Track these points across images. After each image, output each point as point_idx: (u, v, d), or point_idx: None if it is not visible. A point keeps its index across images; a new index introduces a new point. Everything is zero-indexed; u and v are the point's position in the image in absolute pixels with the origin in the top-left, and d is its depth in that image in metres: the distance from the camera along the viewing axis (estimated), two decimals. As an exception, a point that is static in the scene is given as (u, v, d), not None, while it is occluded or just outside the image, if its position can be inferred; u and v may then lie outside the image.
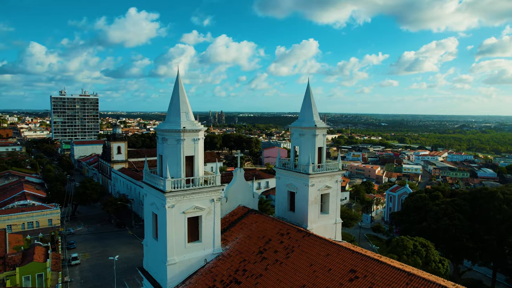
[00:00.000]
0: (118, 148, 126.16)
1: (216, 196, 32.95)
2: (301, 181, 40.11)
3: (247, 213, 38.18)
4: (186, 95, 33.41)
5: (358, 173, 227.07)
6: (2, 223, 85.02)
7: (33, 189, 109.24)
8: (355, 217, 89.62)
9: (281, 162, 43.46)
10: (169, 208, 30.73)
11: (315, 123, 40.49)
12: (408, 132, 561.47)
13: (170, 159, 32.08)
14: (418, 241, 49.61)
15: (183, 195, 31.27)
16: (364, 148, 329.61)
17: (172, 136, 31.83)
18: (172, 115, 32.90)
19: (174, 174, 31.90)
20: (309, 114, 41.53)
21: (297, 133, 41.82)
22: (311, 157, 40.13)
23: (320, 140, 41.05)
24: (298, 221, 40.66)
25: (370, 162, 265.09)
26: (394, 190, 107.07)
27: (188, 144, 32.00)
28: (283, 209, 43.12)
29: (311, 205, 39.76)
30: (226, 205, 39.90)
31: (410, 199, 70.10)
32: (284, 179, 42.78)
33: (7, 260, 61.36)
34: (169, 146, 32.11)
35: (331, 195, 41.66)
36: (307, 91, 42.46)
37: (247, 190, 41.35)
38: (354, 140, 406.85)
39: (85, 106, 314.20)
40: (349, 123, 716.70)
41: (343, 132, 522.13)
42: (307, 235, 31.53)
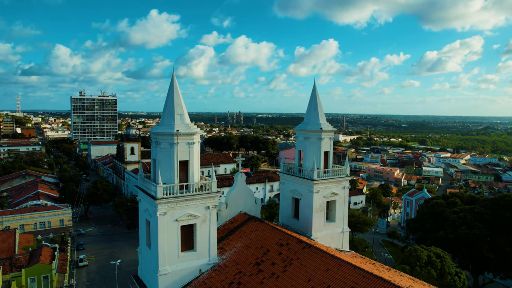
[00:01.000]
0: (131, 149, 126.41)
1: (212, 203, 31.22)
2: (306, 187, 38.00)
3: (247, 221, 36.31)
4: (181, 97, 31.83)
5: (376, 176, 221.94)
6: (15, 223, 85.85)
7: (48, 189, 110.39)
8: (369, 222, 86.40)
9: (285, 167, 41.46)
10: (161, 216, 29.18)
11: (321, 126, 38.33)
12: (429, 134, 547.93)
13: (163, 164, 30.54)
14: (433, 252, 46.60)
15: (176, 202, 29.66)
16: (383, 149, 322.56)
17: (165, 140, 30.28)
18: (166, 118, 31.37)
19: (167, 179, 30.35)
20: (314, 117, 39.39)
21: (302, 137, 39.72)
22: (316, 162, 37.97)
23: (326, 144, 38.84)
24: (302, 229, 38.59)
25: (389, 164, 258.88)
26: (411, 194, 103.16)
27: (182, 148, 30.38)
28: (287, 216, 41.13)
29: (316, 212, 37.61)
30: (226, 212, 38.16)
31: (426, 206, 66.68)
32: (288, 185, 40.77)
33: (14, 260, 61.37)
34: (162, 150, 30.58)
35: (338, 202, 39.36)
36: (313, 92, 40.32)
37: (248, 195, 39.48)
38: (373, 142, 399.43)
39: (104, 107, 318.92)
40: (369, 124, 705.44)
41: (362, 133, 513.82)
42: (307, 246, 29.41)
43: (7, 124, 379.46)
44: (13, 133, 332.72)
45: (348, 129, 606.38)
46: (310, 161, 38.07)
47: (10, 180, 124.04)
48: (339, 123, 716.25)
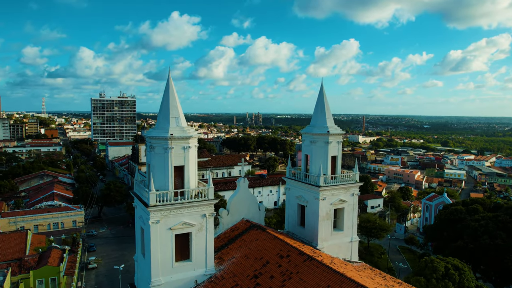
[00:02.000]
0: (145, 150, 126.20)
1: (208, 211, 29.57)
2: (312, 193, 35.91)
3: (248, 229, 34.50)
4: (177, 99, 30.31)
5: (396, 178, 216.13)
6: (29, 223, 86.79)
7: (63, 189, 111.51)
8: (386, 228, 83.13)
9: (291, 172, 39.45)
10: (153, 224, 27.73)
11: (328, 129, 36.15)
12: (452, 135, 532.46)
13: (158, 169, 29.09)
14: (451, 263, 43.60)
15: (170, 209, 28.16)
16: (403, 151, 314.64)
17: (159, 144, 28.83)
18: (161, 121, 29.93)
19: (161, 185, 28.89)
20: (321, 119, 37.23)
21: (308, 140, 37.65)
22: (323, 167, 35.83)
23: (333, 148, 36.63)
24: (308, 238, 36.53)
25: (409, 166, 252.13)
26: (430, 199, 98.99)
27: (177, 153, 28.84)
28: (293, 224, 39.12)
29: (323, 221, 35.48)
30: (227, 219, 36.48)
31: (445, 212, 63.11)
32: (294, 191, 38.76)
33: (23, 262, 61.48)
34: (156, 155, 29.15)
35: (346, 210, 37.08)
36: (320, 93, 38.17)
37: (252, 202, 37.67)
38: (393, 143, 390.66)
39: (123, 108, 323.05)
40: (389, 125, 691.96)
41: (382, 134, 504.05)
42: (308, 259, 27.36)
43: (31, 125, 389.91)
44: (37, 133, 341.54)
45: (368, 130, 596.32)
46: (316, 166, 35.97)
47: (29, 180, 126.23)
48: (359, 124, 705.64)
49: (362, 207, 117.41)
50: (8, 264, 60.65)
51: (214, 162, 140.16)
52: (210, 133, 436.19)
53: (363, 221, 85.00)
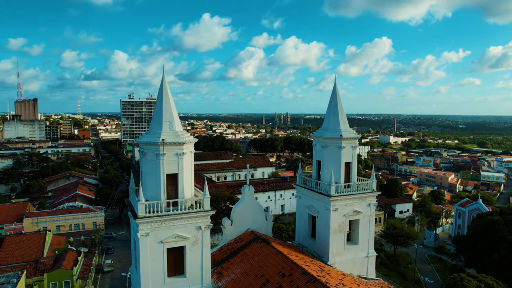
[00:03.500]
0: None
1: (204, 223, 27.14)
2: (322, 203, 32.79)
3: (252, 241, 31.79)
4: (171, 101, 28.06)
5: (428, 181, 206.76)
6: (51, 224, 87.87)
7: (87, 190, 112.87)
8: (413, 235, 78.02)
9: (301, 178, 36.43)
10: (143, 237, 25.61)
11: (341, 133, 32.89)
12: (490, 135, 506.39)
13: (149, 177, 26.95)
14: (484, 281, 39.06)
15: (161, 221, 25.95)
16: (436, 152, 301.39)
17: (150, 150, 26.68)
18: (154, 125, 27.79)
19: (153, 195, 26.72)
20: (334, 122, 33.99)
21: (319, 145, 34.50)
22: (335, 175, 32.63)
23: (347, 153, 33.33)
24: (318, 252, 33.42)
25: (442, 168, 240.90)
26: (463, 205, 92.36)
27: (169, 160, 26.57)
28: (304, 235, 36.10)
29: (334, 233, 32.29)
30: (231, 229, 33.91)
31: (479, 223, 57.66)
32: (305, 200, 35.72)
33: (39, 264, 61.58)
34: (148, 162, 27.01)
35: (362, 222, 33.68)
36: (333, 93, 34.92)
37: (258, 211, 34.93)
38: (426, 144, 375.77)
39: (151, 109, 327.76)
40: (422, 125, 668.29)
41: (414, 135, 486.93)
42: (312, 281, 24.32)
43: (66, 126, 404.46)
44: (70, 134, 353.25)
45: (400, 130, 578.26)
46: (328, 174, 32.81)
47: (56, 180, 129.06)
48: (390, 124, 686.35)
49: (389, 212, 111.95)
50: (24, 266, 60.92)
51: (236, 164, 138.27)
52: (238, 133, 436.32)
53: (388, 228, 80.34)
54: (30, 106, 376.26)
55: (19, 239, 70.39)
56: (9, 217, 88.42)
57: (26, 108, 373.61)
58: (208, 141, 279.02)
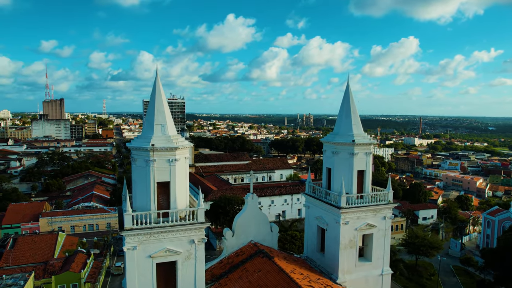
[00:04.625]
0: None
1: (197, 236, 24.78)
2: (332, 216, 29.89)
3: (254, 255, 29.21)
4: (165, 102, 25.85)
5: (455, 185, 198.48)
6: (66, 224, 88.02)
7: (103, 190, 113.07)
8: (437, 245, 73.44)
9: (310, 187, 33.58)
10: (129, 251, 23.50)
11: (354, 138, 29.87)
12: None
13: (139, 186, 24.85)
14: (514, 303, 35.09)
15: (150, 233, 23.77)
16: (464, 155, 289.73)
17: (140, 156, 24.56)
18: (145, 128, 25.69)
19: (142, 205, 24.61)
20: (346, 125, 31.00)
21: (329, 151, 31.58)
22: (347, 184, 29.65)
23: (360, 160, 30.26)
24: (327, 268, 30.54)
25: (470, 172, 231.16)
26: (493, 213, 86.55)
27: (160, 167, 24.35)
28: (312, 249, 33.26)
29: (345, 249, 29.31)
30: (232, 241, 31.42)
31: (510, 236, 53.02)
32: (313, 210, 32.88)
33: (48, 266, 61.03)
34: (138, 168, 24.91)
35: (376, 236, 30.54)
36: (346, 94, 31.94)
37: (262, 222, 32.28)
38: (453, 146, 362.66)
39: (172, 109, 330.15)
40: (449, 127, 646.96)
41: (440, 137, 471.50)
42: (313, 306, 21.54)
43: (90, 125, 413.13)
44: (94, 134, 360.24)
45: (425, 132, 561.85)
46: (338, 183, 29.87)
47: (75, 180, 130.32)
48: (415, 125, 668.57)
49: (412, 219, 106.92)
50: (34, 267, 60.52)
51: (254, 166, 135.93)
52: (259, 134, 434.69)
53: (410, 237, 76.06)
54: (57, 106, 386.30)
55: (31, 239, 70.36)
56: (26, 216, 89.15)
57: (53, 108, 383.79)
58: (228, 142, 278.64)
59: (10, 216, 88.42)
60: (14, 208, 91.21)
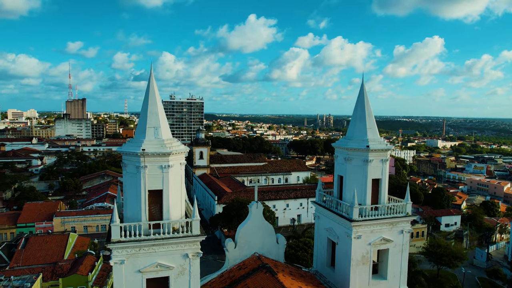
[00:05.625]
0: (200, 153, 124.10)
1: (192, 250, 22.63)
2: (343, 228, 27.23)
3: (257, 269, 26.86)
4: (159, 103, 23.85)
5: (480, 189, 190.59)
6: (79, 224, 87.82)
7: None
8: (460, 255, 69.23)
9: (321, 195, 30.97)
10: (117, 265, 21.56)
11: (368, 143, 27.12)
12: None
13: (130, 194, 22.89)
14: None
15: (139, 246, 21.77)
16: (490, 159, 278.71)
17: (130, 161, 22.59)
18: (138, 131, 23.71)
19: (133, 214, 22.64)
20: (360, 129, 28.27)
21: (341, 157, 28.89)
22: (360, 195, 26.96)
23: (375, 168, 27.49)
24: (337, 285, 27.93)
25: (497, 176, 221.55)
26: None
27: (152, 173, 22.32)
28: (322, 262, 30.62)
29: (357, 265, 26.59)
30: (235, 253, 29.15)
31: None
32: (323, 221, 30.27)
33: (57, 267, 60.33)
34: (128, 175, 22.95)
35: (392, 252, 27.68)
36: (360, 94, 29.22)
37: (267, 232, 29.89)
38: (478, 149, 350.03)
39: (191, 110, 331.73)
40: (474, 129, 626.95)
41: (465, 139, 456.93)
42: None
43: (112, 125, 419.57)
44: (114, 133, 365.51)
45: (449, 134, 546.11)
46: (350, 193, 27.19)
47: (91, 179, 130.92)
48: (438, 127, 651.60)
49: (434, 226, 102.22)
50: (42, 268, 59.93)
51: (270, 168, 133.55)
52: (278, 134, 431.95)
53: (432, 245, 72.04)
54: (79, 105, 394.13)
55: (42, 239, 70.07)
56: (41, 215, 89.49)
57: (75, 108, 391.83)
58: (246, 142, 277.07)
59: (25, 214, 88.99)
60: (29, 207, 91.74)
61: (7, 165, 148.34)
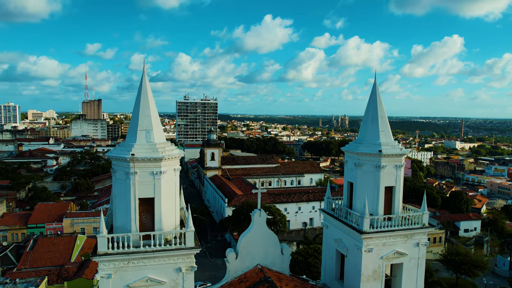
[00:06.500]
0: (211, 155, 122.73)
1: (185, 263, 20.86)
2: (352, 240, 25.01)
3: (258, 284, 24.84)
4: (152, 104, 22.11)
5: (501, 193, 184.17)
6: (89, 225, 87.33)
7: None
8: (481, 264, 65.76)
9: (329, 203, 28.81)
10: (104, 279, 19.92)
11: (380, 147, 24.84)
12: None
13: (119, 202, 21.24)
14: None
15: (128, 259, 20.08)
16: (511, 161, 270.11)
17: (120, 167, 20.93)
18: (129, 134, 22.05)
19: (123, 224, 21.02)
20: (372, 132, 26.00)
21: (351, 162, 26.66)
22: (371, 204, 24.74)
23: (389, 175, 25.19)
24: (347, 302, 25.59)
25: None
26: (548, 229, 77.25)
27: (143, 180, 20.62)
28: (330, 275, 28.43)
29: (367, 281, 24.36)
30: (236, 264, 27.17)
31: None
32: (332, 231, 28.10)
33: (63, 270, 59.56)
34: (118, 182, 21.32)
35: (407, 267, 25.31)
36: (373, 94, 26.95)
37: (271, 243, 27.83)
38: (499, 151, 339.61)
39: (205, 110, 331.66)
40: (494, 130, 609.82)
41: (485, 140, 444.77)
42: None
43: (127, 125, 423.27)
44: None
45: (468, 135, 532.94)
46: (361, 201, 24.94)
47: (104, 180, 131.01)
48: (457, 128, 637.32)
49: (452, 231, 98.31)
50: (48, 271, 59.27)
51: (283, 169, 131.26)
52: (293, 135, 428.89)
53: (450, 253, 68.75)
54: (94, 106, 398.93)
55: (50, 241, 69.62)
56: (52, 215, 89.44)
57: (91, 108, 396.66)
58: (260, 143, 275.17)
59: (36, 215, 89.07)
60: (40, 208, 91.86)
61: (23, 165, 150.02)
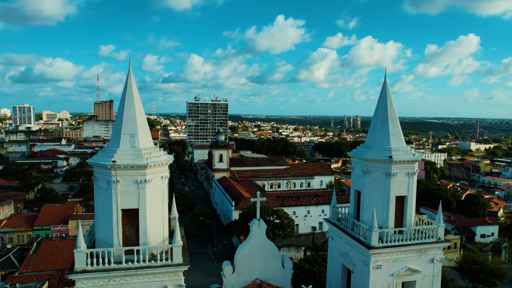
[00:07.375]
0: (220, 156, 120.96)
1: (172, 281, 18.96)
2: (359, 255, 22.72)
3: (256, 301, 22.77)
4: (137, 106, 20.16)
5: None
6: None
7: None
8: (499, 273, 62.41)
9: (335, 213, 26.57)
10: (82, 300, 18.05)
11: (391, 153, 22.51)
12: None
13: (101, 213, 19.38)
14: None
15: (108, 277, 18.18)
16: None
17: (101, 175, 19.10)
18: (112, 139, 20.19)
19: (105, 237, 19.11)
20: (382, 137, 23.67)
21: (359, 169, 24.37)
22: (380, 215, 22.42)
23: (400, 183, 22.85)
24: (353, 322, 23.30)
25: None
26: None
27: (126, 189, 18.74)
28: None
29: (376, 300, 21.95)
30: (232, 278, 25.13)
31: None
32: (337, 243, 25.84)
33: (64, 275, 58.31)
34: (99, 191, 19.47)
35: (420, 285, 22.93)
36: (382, 95, 24.61)
37: (271, 255, 25.69)
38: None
39: (215, 111, 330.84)
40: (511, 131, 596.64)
41: (501, 141, 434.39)
42: None
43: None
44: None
45: (483, 136, 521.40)
46: (369, 212, 22.67)
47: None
48: (472, 129, 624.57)
49: (468, 237, 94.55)
50: (50, 275, 58.05)
51: (292, 171, 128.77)
52: (304, 136, 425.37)
53: (466, 261, 65.51)
54: (106, 107, 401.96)
55: (54, 244, 68.60)
56: (58, 217, 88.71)
57: (103, 109, 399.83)
58: (271, 144, 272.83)
59: (42, 217, 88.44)
60: (47, 209, 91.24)
61: (34, 166, 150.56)
